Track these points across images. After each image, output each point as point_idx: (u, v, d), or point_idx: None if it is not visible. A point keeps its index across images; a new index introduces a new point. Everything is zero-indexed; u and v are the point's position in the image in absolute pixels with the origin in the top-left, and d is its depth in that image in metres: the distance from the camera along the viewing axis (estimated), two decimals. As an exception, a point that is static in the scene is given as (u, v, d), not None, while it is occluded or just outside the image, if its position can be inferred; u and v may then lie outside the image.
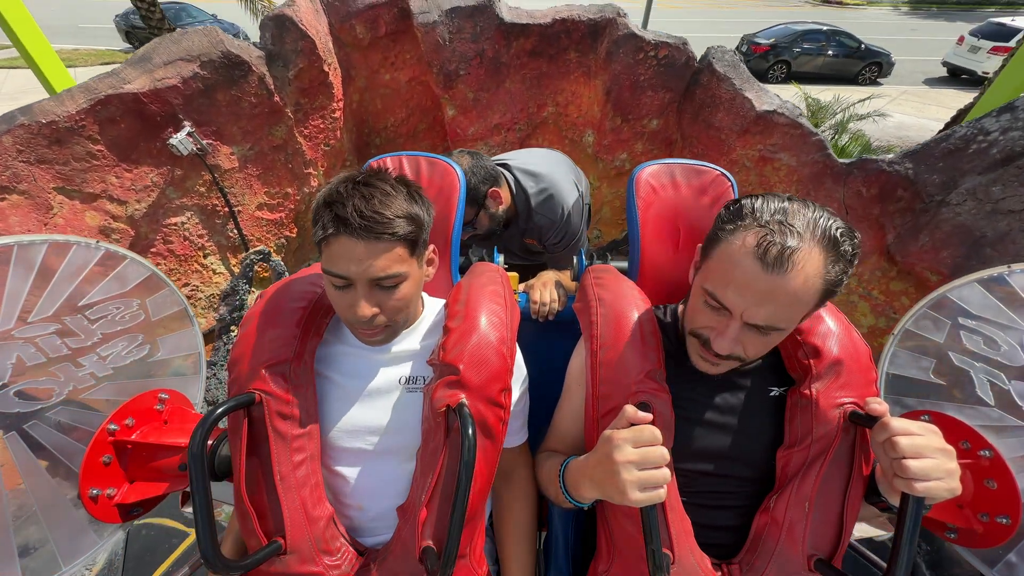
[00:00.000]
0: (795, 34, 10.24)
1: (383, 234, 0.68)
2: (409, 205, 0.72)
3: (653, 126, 2.58)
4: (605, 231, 3.13)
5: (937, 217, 1.68)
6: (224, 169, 2.10)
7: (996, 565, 0.88)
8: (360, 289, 0.72)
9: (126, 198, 1.88)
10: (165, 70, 1.80)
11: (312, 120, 2.32)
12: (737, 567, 0.73)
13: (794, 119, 2.19)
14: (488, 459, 0.75)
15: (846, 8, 19.38)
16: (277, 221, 2.43)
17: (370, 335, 0.78)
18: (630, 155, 2.72)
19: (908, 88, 9.58)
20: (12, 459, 0.91)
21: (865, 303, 2.02)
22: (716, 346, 0.68)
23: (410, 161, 1.09)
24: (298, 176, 2.39)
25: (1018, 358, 0.94)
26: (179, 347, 1.20)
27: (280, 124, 2.17)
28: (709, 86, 2.30)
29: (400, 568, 0.73)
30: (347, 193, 0.69)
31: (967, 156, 1.64)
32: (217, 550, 0.65)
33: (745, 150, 2.33)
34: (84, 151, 1.73)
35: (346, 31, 2.35)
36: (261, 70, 1.99)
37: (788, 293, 0.61)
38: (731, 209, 0.69)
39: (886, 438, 0.61)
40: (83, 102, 1.67)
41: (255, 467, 0.75)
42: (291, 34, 2.01)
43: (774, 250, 0.60)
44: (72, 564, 0.94)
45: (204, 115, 1.94)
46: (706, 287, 0.68)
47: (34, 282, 0.94)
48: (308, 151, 2.36)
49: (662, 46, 2.31)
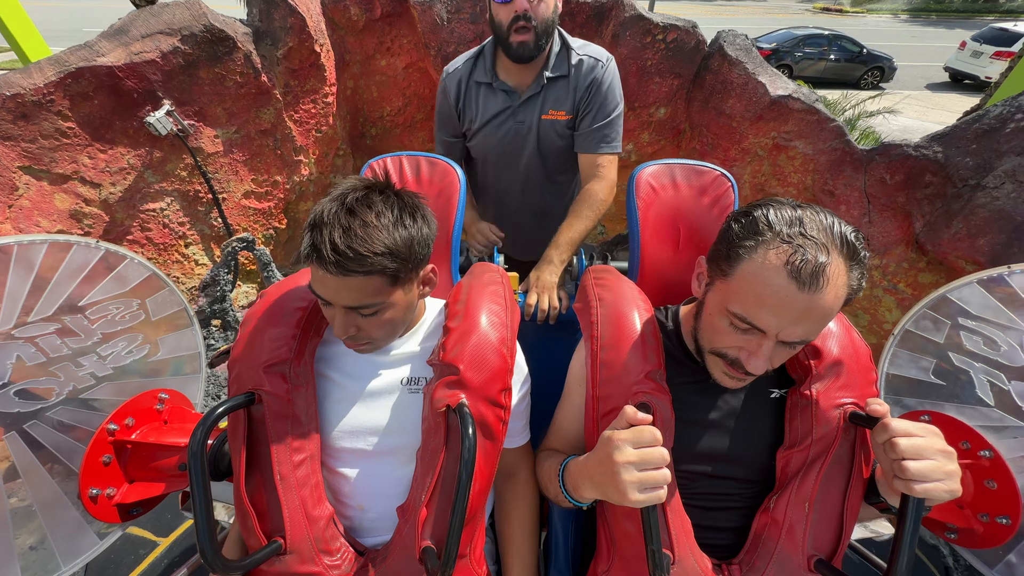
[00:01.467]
0: (797, 39, 10.29)
1: (355, 272, 0.67)
2: (395, 233, 0.69)
3: (660, 115, 2.47)
4: (609, 226, 3.01)
5: (972, 202, 1.56)
6: (207, 153, 1.98)
7: (996, 565, 0.89)
8: (337, 311, 0.72)
9: (99, 180, 1.76)
10: (143, 43, 1.68)
11: (303, 104, 2.20)
12: (737, 567, 0.73)
13: (810, 104, 2.08)
14: (488, 459, 0.75)
15: (846, 16, 19.49)
16: (265, 211, 2.30)
17: (353, 347, 0.78)
18: (636, 146, 2.61)
19: (911, 92, 9.54)
20: (12, 459, 0.92)
21: (891, 297, 1.89)
22: (752, 367, 0.66)
23: (410, 161, 1.10)
24: (288, 163, 2.27)
25: (1018, 358, 0.95)
26: (179, 347, 1.20)
27: (268, 107, 2.05)
28: (720, 71, 2.19)
29: (400, 568, 0.72)
30: (328, 220, 0.67)
31: (1004, 136, 1.52)
32: (217, 550, 0.65)
33: (758, 138, 2.22)
34: (53, 128, 1.61)
35: (340, 12, 2.25)
36: (247, 47, 1.88)
37: (822, 308, 0.60)
38: (744, 223, 0.66)
39: (887, 439, 0.61)
40: (52, 75, 1.55)
41: (255, 467, 0.76)
42: (280, 10, 1.90)
43: (808, 267, 0.59)
44: (72, 564, 0.94)
45: (185, 93, 1.82)
46: (733, 310, 0.66)
47: (34, 282, 0.95)
48: (298, 137, 2.24)
49: (671, 29, 2.21)
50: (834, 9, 20.52)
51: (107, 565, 1.53)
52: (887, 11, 20.84)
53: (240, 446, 0.75)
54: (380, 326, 0.75)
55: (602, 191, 1.26)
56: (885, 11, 20.84)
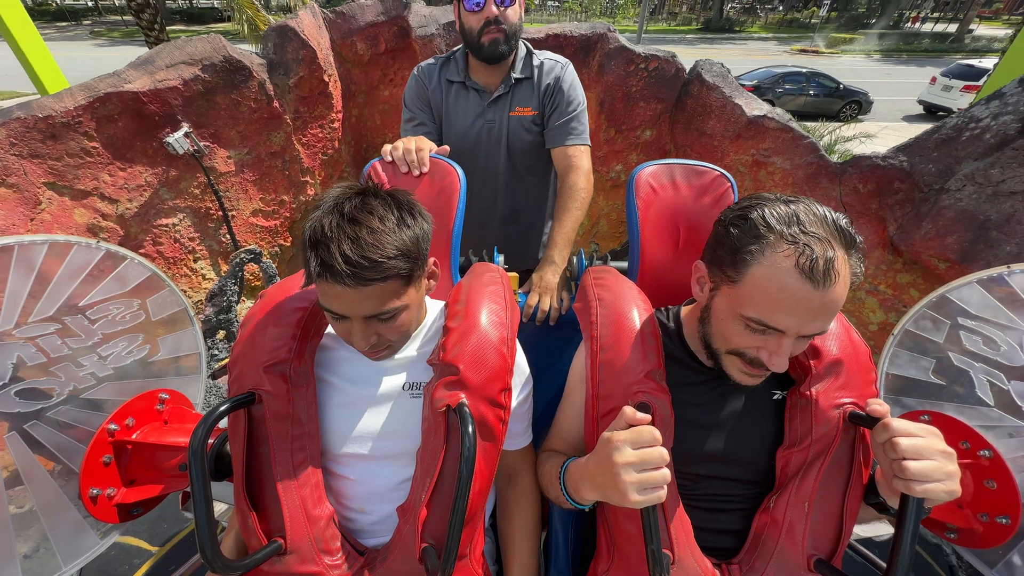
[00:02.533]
0: (777, 76, 10.91)
1: (373, 280, 0.66)
2: (401, 234, 0.68)
3: (647, 136, 2.62)
4: (603, 244, 3.11)
5: (938, 204, 1.67)
6: (220, 172, 2.10)
7: (996, 565, 0.88)
8: (356, 324, 0.71)
9: (117, 196, 1.86)
10: (167, 72, 1.83)
11: (311, 129, 2.35)
12: (737, 567, 0.73)
13: (784, 123, 2.23)
14: (488, 459, 0.75)
15: (822, 56, 20.65)
16: (272, 228, 2.40)
17: (373, 356, 0.78)
18: (625, 166, 2.75)
19: (888, 124, 10.00)
20: (13, 459, 0.91)
21: (873, 299, 1.96)
22: (774, 366, 0.66)
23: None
24: (295, 183, 2.39)
25: (1018, 358, 0.94)
26: (179, 347, 1.20)
27: (278, 130, 2.20)
28: (700, 95, 2.36)
29: (400, 568, 0.72)
30: (332, 234, 0.64)
31: (961, 143, 1.65)
32: (217, 550, 0.65)
33: (738, 155, 2.36)
34: (79, 147, 1.73)
35: (347, 47, 2.44)
36: (262, 76, 2.03)
37: (836, 300, 0.62)
38: (742, 227, 0.67)
39: (887, 439, 0.61)
40: (82, 99, 1.69)
41: (255, 467, 0.75)
42: (292, 43, 2.08)
43: (819, 266, 0.60)
44: (72, 564, 0.93)
45: (203, 117, 1.96)
46: (748, 315, 0.66)
47: (34, 282, 0.95)
48: (306, 159, 2.38)
49: (652, 59, 2.40)
50: (810, 50, 21.77)
51: (101, 574, 1.50)
52: (860, 52, 22.12)
53: (240, 446, 0.74)
54: (398, 328, 0.75)
55: (581, 180, 1.31)
56: (858, 52, 22.13)
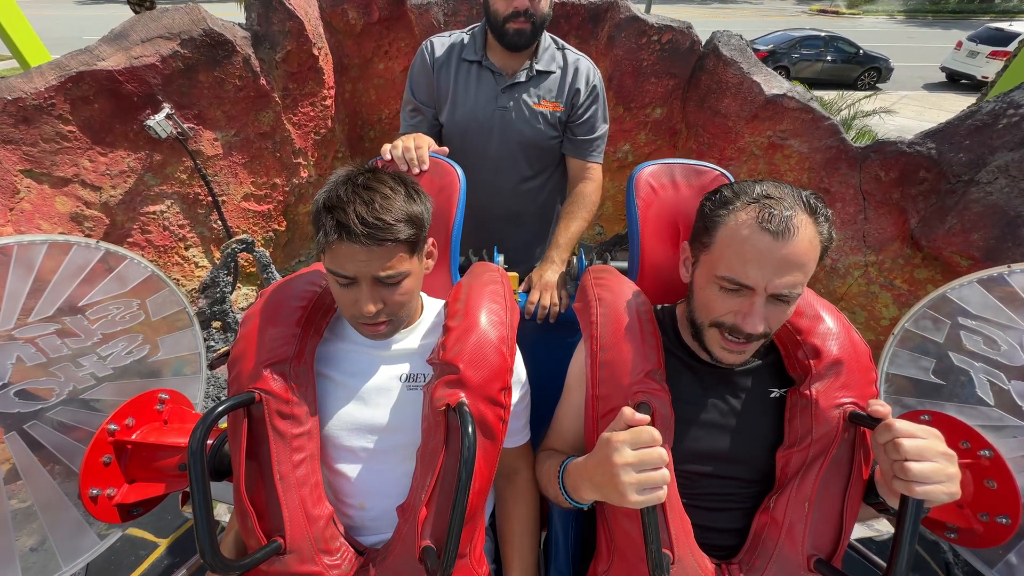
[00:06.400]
0: (793, 40, 10.32)
1: (386, 240, 0.70)
2: (409, 205, 0.74)
3: (657, 115, 2.48)
4: (607, 227, 3.02)
5: (966, 197, 1.57)
6: (207, 156, 2.00)
7: (996, 565, 0.88)
8: (364, 286, 0.73)
9: (100, 183, 1.77)
10: (143, 47, 1.70)
11: (301, 107, 2.22)
12: (737, 567, 0.73)
13: (805, 103, 2.09)
14: (488, 458, 0.75)
15: (842, 17, 19.60)
16: (265, 213, 2.32)
17: (373, 330, 0.79)
18: (633, 146, 2.62)
19: (908, 93, 9.58)
20: (13, 459, 0.92)
21: (887, 293, 1.89)
22: (747, 326, 0.68)
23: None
24: (287, 166, 2.29)
25: (1018, 358, 0.94)
26: (179, 347, 1.20)
27: (267, 109, 2.07)
28: (715, 71, 2.20)
29: (400, 568, 0.72)
30: (347, 198, 0.69)
31: (996, 131, 1.54)
32: (216, 550, 0.65)
33: (754, 137, 2.23)
34: (54, 131, 1.63)
35: (338, 16, 2.27)
36: (246, 51, 1.90)
37: (799, 255, 0.66)
38: (715, 199, 0.74)
39: (889, 440, 0.61)
40: (53, 79, 1.57)
41: (255, 466, 0.75)
42: (278, 14, 1.92)
43: (776, 219, 0.65)
44: (72, 564, 0.94)
45: (185, 97, 1.84)
46: (720, 274, 0.70)
47: (34, 283, 0.96)
48: (297, 140, 2.26)
49: (666, 30, 2.23)
50: (830, 11, 20.65)
51: (107, 566, 1.53)
52: (883, 12, 20.94)
53: (240, 445, 0.74)
54: (402, 295, 0.77)
55: (593, 192, 1.38)
56: (881, 12, 20.95)
